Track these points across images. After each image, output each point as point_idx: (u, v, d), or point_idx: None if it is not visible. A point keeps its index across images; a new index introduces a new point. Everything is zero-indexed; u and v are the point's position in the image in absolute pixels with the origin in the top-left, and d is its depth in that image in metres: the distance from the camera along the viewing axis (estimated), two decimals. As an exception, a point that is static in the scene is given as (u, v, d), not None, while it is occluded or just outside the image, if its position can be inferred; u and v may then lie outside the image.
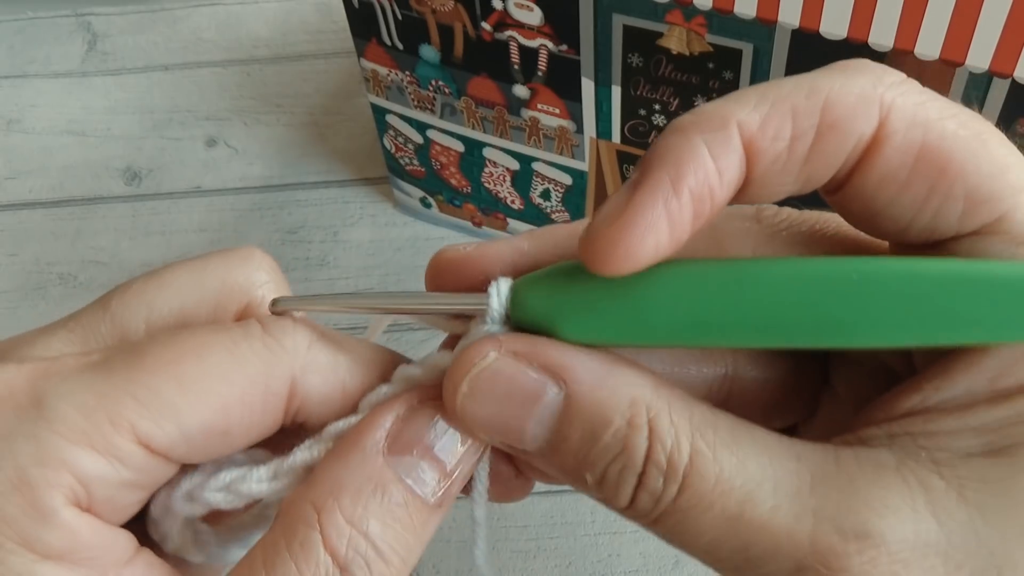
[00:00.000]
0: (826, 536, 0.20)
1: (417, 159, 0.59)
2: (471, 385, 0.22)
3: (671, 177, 0.21)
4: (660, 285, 0.22)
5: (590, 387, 0.22)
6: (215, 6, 0.75)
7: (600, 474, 0.22)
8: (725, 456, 0.21)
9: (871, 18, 0.38)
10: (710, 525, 0.21)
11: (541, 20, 0.46)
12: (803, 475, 0.21)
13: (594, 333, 0.22)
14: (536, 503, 0.52)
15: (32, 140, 0.69)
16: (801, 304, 0.21)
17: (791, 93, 0.22)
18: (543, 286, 0.23)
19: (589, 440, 0.22)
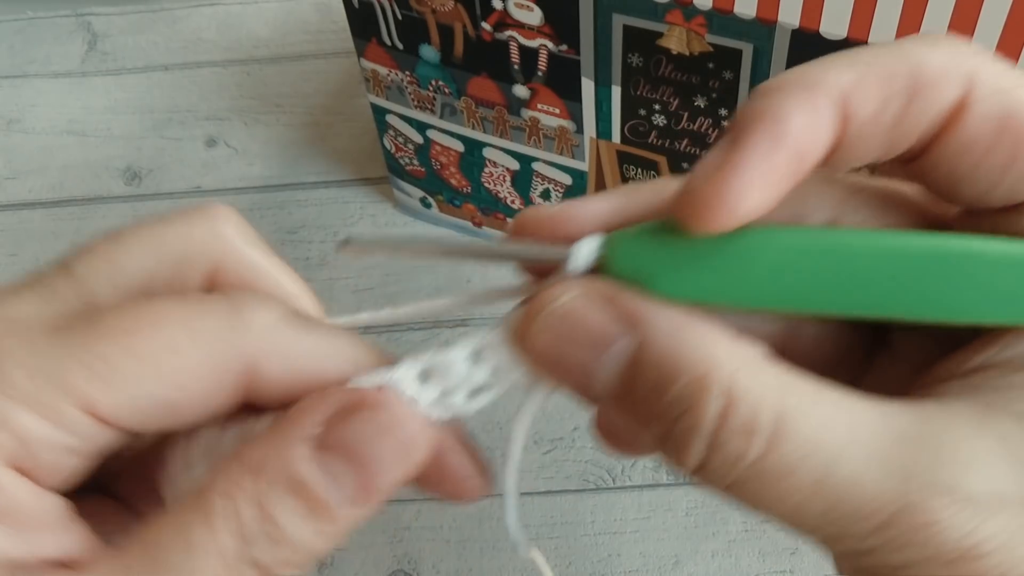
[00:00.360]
0: (914, 492, 0.20)
1: (417, 159, 0.59)
2: (544, 322, 0.22)
3: (771, 134, 0.21)
4: (757, 249, 0.22)
5: (663, 338, 0.21)
6: (215, 6, 0.75)
7: (664, 431, 0.21)
8: (813, 414, 0.21)
9: (871, 18, 0.38)
10: (795, 488, 0.20)
11: (541, 20, 0.46)
12: (888, 432, 0.21)
13: (685, 292, 0.22)
14: (536, 503, 0.52)
15: (32, 140, 0.69)
16: (900, 278, 0.22)
17: (882, 57, 0.22)
18: (634, 243, 0.23)
19: (656, 393, 0.21)
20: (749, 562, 0.50)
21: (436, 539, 0.52)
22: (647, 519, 0.52)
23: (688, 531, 0.51)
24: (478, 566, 0.51)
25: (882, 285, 0.22)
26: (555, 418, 0.54)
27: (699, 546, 0.51)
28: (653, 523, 0.52)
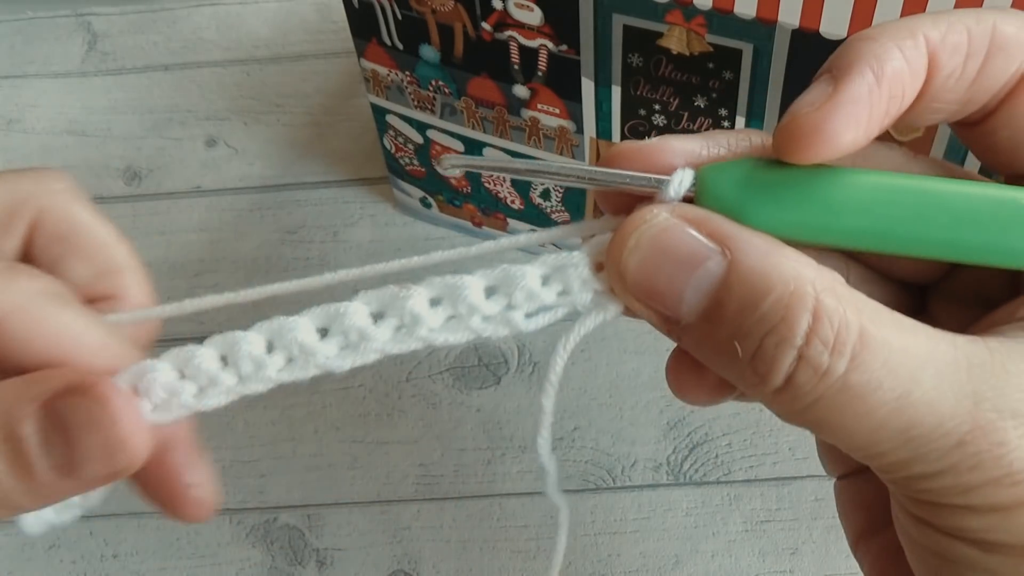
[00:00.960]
0: (985, 414, 0.21)
1: (417, 159, 0.59)
2: (638, 239, 0.23)
3: (873, 71, 0.22)
4: (849, 186, 0.23)
5: (755, 256, 0.22)
6: (215, 6, 0.75)
7: (755, 346, 0.22)
8: (893, 337, 0.22)
9: (871, 18, 0.38)
10: (877, 405, 0.21)
11: (541, 20, 0.46)
12: (960, 360, 0.22)
13: (773, 225, 0.23)
14: (536, 503, 0.52)
15: (32, 140, 0.69)
16: (977, 223, 0.23)
17: (964, 17, 0.24)
18: (726, 175, 0.24)
19: (747, 307, 0.22)
20: (749, 562, 0.50)
21: (436, 539, 0.52)
22: (647, 519, 0.52)
23: (688, 531, 0.51)
24: (478, 566, 0.51)
25: (959, 229, 0.23)
26: (555, 418, 0.54)
27: (699, 546, 0.51)
28: (653, 523, 0.52)
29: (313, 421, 0.56)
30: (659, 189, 0.24)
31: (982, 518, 0.22)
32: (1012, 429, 0.21)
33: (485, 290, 0.24)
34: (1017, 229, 0.23)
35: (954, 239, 0.23)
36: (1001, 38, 0.23)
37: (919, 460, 0.22)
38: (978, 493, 0.22)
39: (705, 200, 0.24)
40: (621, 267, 0.23)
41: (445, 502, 0.53)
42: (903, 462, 0.22)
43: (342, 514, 0.53)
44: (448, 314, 0.25)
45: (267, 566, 0.52)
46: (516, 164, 0.25)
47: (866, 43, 0.23)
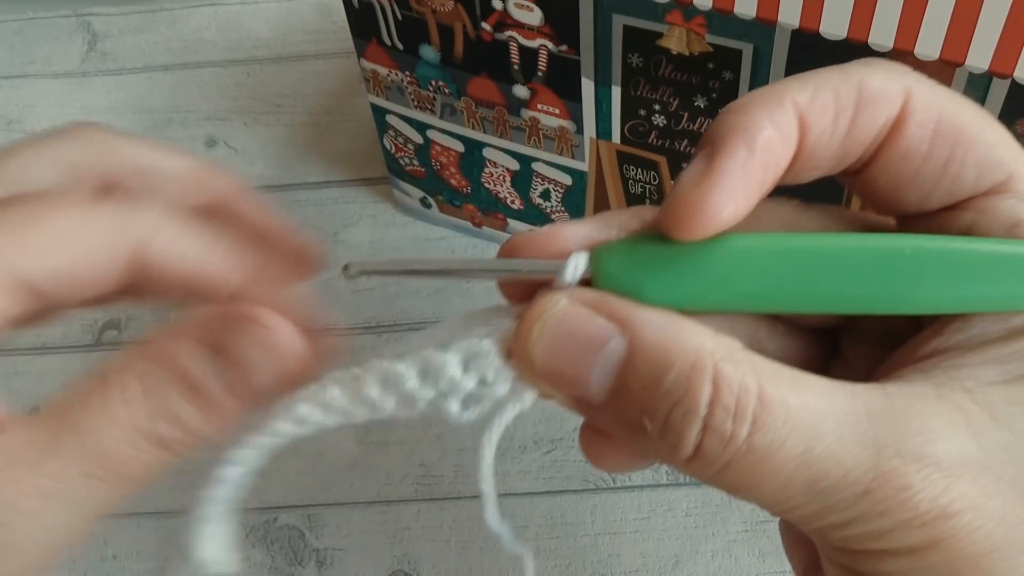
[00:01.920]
0: (888, 460, 0.22)
1: (417, 159, 0.59)
2: (541, 329, 0.24)
3: (746, 144, 0.23)
4: (736, 253, 0.24)
5: (653, 334, 0.23)
6: (215, 6, 0.75)
7: (663, 420, 0.23)
8: (791, 396, 0.22)
9: (871, 18, 0.38)
10: (783, 463, 0.22)
11: (541, 20, 0.46)
12: (859, 409, 0.23)
13: (669, 298, 0.24)
14: (536, 503, 0.52)
15: (32, 140, 0.69)
16: (862, 274, 0.24)
17: (829, 77, 0.25)
18: (619, 255, 0.25)
19: (651, 384, 0.22)
20: (749, 562, 0.50)
21: (436, 539, 0.52)
22: (647, 519, 0.52)
23: (688, 531, 0.51)
24: (478, 566, 0.51)
25: (848, 282, 0.24)
26: (555, 418, 0.54)
27: (699, 546, 0.51)
28: (653, 523, 0.52)
29: (313, 421, 0.56)
30: (556, 275, 0.25)
31: (898, 561, 0.23)
32: (915, 472, 0.22)
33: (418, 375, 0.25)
34: (900, 278, 0.24)
35: (843, 294, 0.24)
36: (867, 93, 0.25)
37: (830, 511, 0.22)
38: (890, 537, 0.22)
39: (601, 282, 0.25)
40: (528, 356, 0.24)
41: (445, 502, 0.53)
42: (815, 514, 0.23)
43: (342, 514, 0.53)
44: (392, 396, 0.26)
45: (267, 566, 0.52)
46: (420, 265, 0.27)
47: (737, 115, 0.24)
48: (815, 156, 0.25)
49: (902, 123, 0.25)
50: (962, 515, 0.22)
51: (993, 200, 0.25)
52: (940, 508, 0.22)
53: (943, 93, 0.25)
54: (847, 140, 0.25)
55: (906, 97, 0.25)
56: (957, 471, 0.22)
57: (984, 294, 0.24)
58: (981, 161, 0.25)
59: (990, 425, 0.23)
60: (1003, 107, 0.38)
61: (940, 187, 0.25)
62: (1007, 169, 0.25)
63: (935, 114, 0.25)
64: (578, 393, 0.24)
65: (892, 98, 0.25)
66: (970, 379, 0.24)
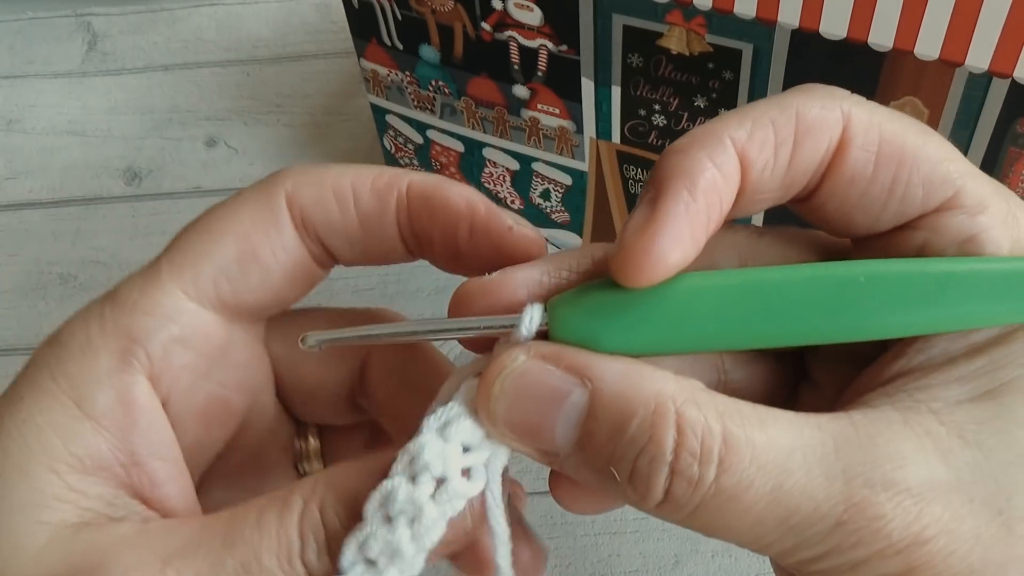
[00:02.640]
0: (858, 491, 0.22)
1: (417, 159, 0.59)
2: (502, 386, 0.24)
3: (687, 187, 0.23)
4: (690, 295, 0.24)
5: (613, 383, 0.23)
6: (215, 6, 0.75)
7: (629, 468, 0.22)
8: (756, 434, 0.22)
9: (871, 18, 0.38)
10: (753, 502, 0.22)
11: (541, 20, 0.46)
12: (826, 441, 0.23)
13: (631, 345, 0.24)
14: (536, 503, 0.52)
15: (32, 140, 0.69)
16: (817, 305, 0.24)
17: (767, 110, 0.25)
18: (573, 305, 0.25)
19: (615, 433, 0.22)
20: (749, 562, 0.50)
21: (436, 539, 0.52)
22: (647, 519, 0.52)
23: (688, 531, 0.51)
24: (478, 566, 0.51)
25: (804, 314, 0.24)
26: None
27: (699, 546, 0.51)
28: (653, 523, 0.52)
29: (313, 421, 0.56)
30: (512, 330, 0.25)
31: None
32: (886, 501, 0.22)
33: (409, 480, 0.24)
34: (856, 305, 0.24)
35: (800, 327, 0.24)
36: (806, 122, 0.25)
37: (804, 546, 0.22)
38: (866, 567, 0.22)
39: (557, 333, 0.25)
40: (491, 415, 0.24)
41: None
42: (790, 550, 0.23)
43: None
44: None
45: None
46: (377, 331, 0.27)
47: (677, 157, 0.24)
48: (759, 190, 0.25)
49: (844, 148, 0.25)
50: (936, 540, 0.22)
51: (944, 217, 0.25)
52: (913, 535, 0.22)
53: (883, 114, 0.25)
54: (790, 171, 0.25)
55: (845, 122, 0.25)
56: (928, 495, 0.22)
57: (942, 315, 0.24)
58: (927, 179, 0.25)
59: (959, 445, 0.23)
60: (1003, 107, 0.38)
61: (889, 208, 0.25)
62: (954, 185, 0.25)
63: (876, 136, 0.25)
64: (544, 447, 0.24)
65: (831, 124, 0.25)
66: (936, 400, 0.24)
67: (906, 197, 0.25)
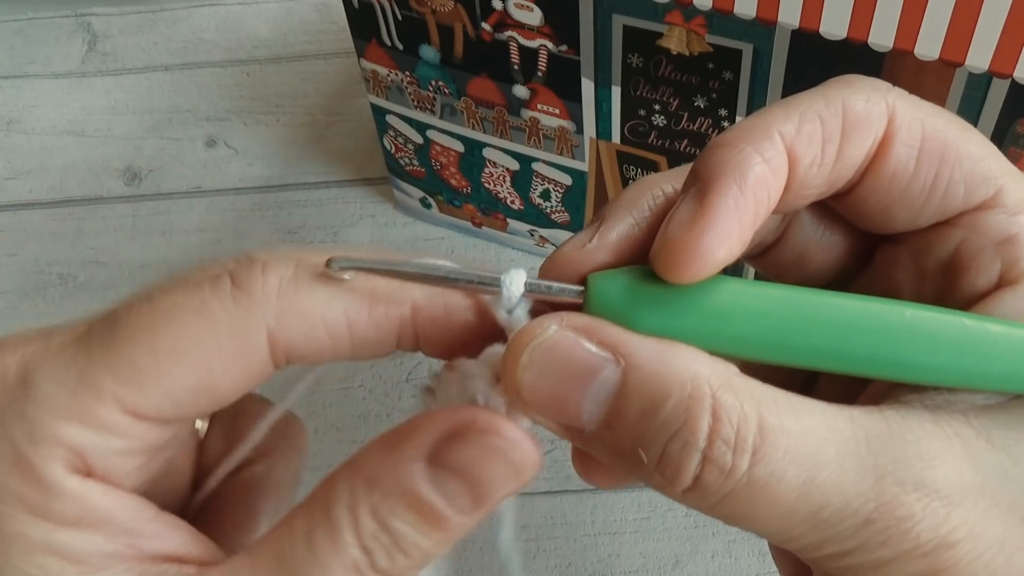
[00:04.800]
0: (889, 488, 0.22)
1: (417, 159, 0.59)
2: (530, 356, 0.22)
3: (737, 182, 0.23)
4: (732, 295, 0.23)
5: (648, 362, 0.22)
6: (215, 6, 0.75)
7: (659, 452, 0.22)
8: (791, 424, 0.22)
9: (871, 18, 0.38)
10: (784, 494, 0.21)
11: (541, 20, 0.46)
12: (859, 435, 0.22)
13: (667, 332, 0.23)
14: (536, 503, 0.52)
15: (32, 140, 0.69)
16: (858, 336, 0.23)
17: (812, 103, 0.24)
18: (617, 282, 0.24)
19: (647, 415, 0.22)
20: (749, 562, 0.50)
21: (436, 539, 0.52)
22: (647, 519, 0.52)
23: (688, 531, 0.51)
24: (478, 566, 0.51)
25: (844, 342, 0.23)
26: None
27: (699, 546, 0.51)
28: (653, 523, 0.52)
29: (313, 421, 0.56)
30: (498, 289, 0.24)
31: None
32: (916, 502, 0.22)
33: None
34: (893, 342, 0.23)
35: (841, 351, 0.23)
36: (852, 116, 0.24)
37: (830, 541, 0.22)
38: (891, 567, 0.22)
39: (593, 307, 0.24)
40: (517, 385, 0.23)
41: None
42: (815, 544, 0.22)
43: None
44: None
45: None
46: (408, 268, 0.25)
47: (725, 151, 0.23)
48: (805, 185, 0.25)
49: (888, 144, 0.25)
50: (962, 544, 0.22)
51: (983, 215, 0.25)
52: (941, 537, 0.22)
53: (927, 109, 0.25)
54: (836, 167, 0.25)
55: (890, 116, 0.25)
56: (957, 498, 0.22)
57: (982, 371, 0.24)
58: (969, 177, 0.25)
59: (986, 449, 0.23)
60: (1003, 107, 0.38)
61: (929, 205, 0.25)
62: (995, 184, 0.25)
63: (919, 131, 0.25)
64: (568, 422, 0.23)
65: (876, 119, 0.24)
66: (964, 402, 0.24)
67: (947, 194, 0.25)
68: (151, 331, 0.23)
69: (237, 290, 0.24)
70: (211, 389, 0.24)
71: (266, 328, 0.24)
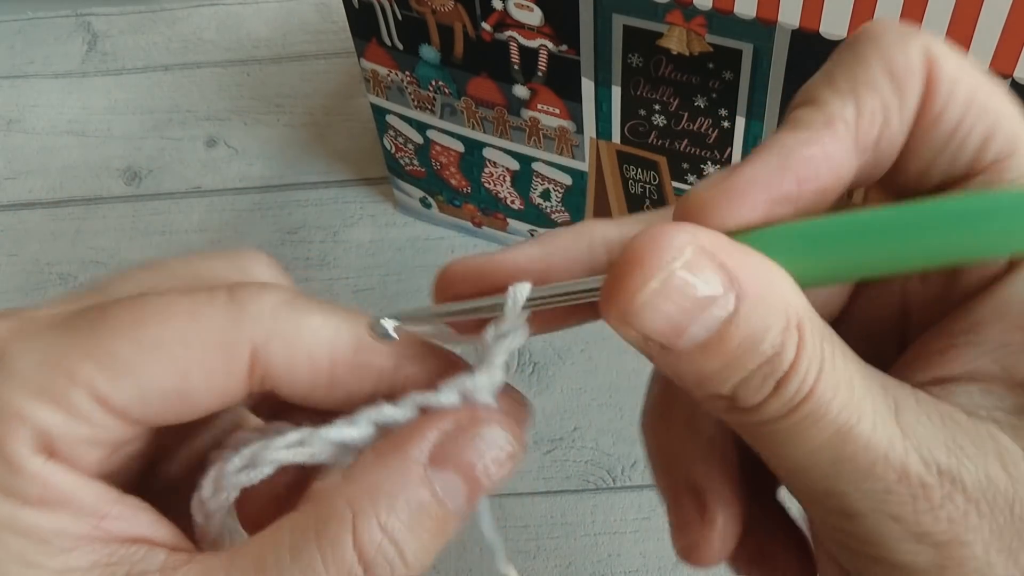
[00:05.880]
0: (915, 466, 0.21)
1: (417, 159, 0.59)
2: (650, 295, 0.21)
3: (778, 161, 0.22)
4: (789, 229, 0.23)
5: (758, 289, 0.21)
6: (215, 6, 0.75)
7: (743, 376, 0.21)
8: (842, 372, 0.21)
9: (871, 18, 0.38)
10: (816, 435, 0.21)
11: (541, 20, 0.46)
12: (889, 403, 0.22)
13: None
14: (536, 503, 0.52)
15: (32, 140, 0.69)
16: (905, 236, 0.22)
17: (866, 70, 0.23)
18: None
19: (751, 344, 0.21)
20: (749, 562, 0.50)
21: (436, 539, 0.52)
22: (647, 519, 0.52)
23: (688, 531, 0.51)
24: (478, 566, 0.51)
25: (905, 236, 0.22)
26: (555, 418, 0.54)
27: (699, 546, 0.51)
28: (653, 523, 0.52)
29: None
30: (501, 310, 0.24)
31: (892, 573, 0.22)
32: (938, 487, 0.21)
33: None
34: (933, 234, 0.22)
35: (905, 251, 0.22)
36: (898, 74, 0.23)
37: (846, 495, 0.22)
38: (895, 547, 0.22)
39: None
40: (627, 318, 0.21)
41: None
42: (828, 492, 0.22)
43: (342, 514, 0.53)
44: None
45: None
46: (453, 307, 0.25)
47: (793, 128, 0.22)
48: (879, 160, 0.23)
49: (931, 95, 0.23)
50: (973, 546, 0.21)
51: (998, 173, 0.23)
52: (955, 534, 0.21)
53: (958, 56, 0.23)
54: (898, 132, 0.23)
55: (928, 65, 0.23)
56: (981, 498, 0.21)
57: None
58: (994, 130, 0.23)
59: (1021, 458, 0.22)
60: (1003, 107, 0.38)
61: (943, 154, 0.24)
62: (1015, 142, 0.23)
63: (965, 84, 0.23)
64: (667, 342, 0.22)
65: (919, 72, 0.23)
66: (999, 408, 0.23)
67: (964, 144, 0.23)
68: (138, 324, 0.23)
69: (232, 302, 0.24)
70: (183, 395, 0.23)
71: (252, 344, 0.23)
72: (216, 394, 0.24)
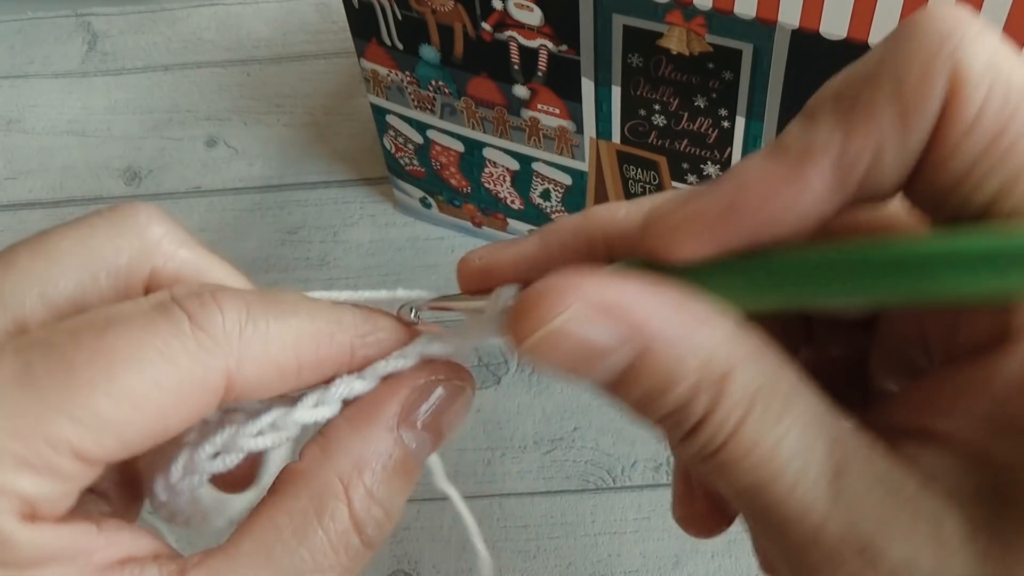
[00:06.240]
0: (831, 534, 0.20)
1: (417, 159, 0.59)
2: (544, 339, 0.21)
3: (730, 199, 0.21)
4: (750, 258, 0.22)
5: (668, 348, 0.21)
6: (215, 6, 0.75)
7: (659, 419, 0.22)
8: (770, 427, 0.21)
9: (871, 18, 0.38)
10: (734, 482, 0.21)
11: (541, 20, 0.46)
12: (830, 465, 0.21)
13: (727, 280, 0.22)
14: (536, 503, 0.52)
15: (32, 140, 0.69)
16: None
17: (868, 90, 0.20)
18: None
19: (655, 395, 0.21)
20: (749, 562, 0.50)
21: (436, 539, 0.52)
22: (647, 519, 0.52)
23: (688, 531, 0.51)
24: (478, 566, 0.51)
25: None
26: (555, 418, 0.54)
27: (699, 546, 0.51)
28: (653, 523, 0.52)
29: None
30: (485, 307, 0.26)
31: None
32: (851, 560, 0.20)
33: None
34: None
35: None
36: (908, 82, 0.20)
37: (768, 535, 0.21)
38: None
39: None
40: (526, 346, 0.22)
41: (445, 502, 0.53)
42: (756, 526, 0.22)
43: (342, 514, 0.53)
44: None
45: (267, 566, 0.52)
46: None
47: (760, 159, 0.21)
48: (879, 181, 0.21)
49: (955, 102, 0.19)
50: None
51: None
52: None
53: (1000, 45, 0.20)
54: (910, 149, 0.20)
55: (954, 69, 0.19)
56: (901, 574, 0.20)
57: None
58: None
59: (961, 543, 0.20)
60: (1003, 107, 0.38)
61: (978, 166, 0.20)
62: None
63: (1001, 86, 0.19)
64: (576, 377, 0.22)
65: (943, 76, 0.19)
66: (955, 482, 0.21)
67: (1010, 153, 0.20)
68: (111, 375, 0.22)
69: (198, 330, 0.23)
70: (163, 431, 0.23)
71: (225, 372, 0.23)
72: (191, 420, 0.24)
